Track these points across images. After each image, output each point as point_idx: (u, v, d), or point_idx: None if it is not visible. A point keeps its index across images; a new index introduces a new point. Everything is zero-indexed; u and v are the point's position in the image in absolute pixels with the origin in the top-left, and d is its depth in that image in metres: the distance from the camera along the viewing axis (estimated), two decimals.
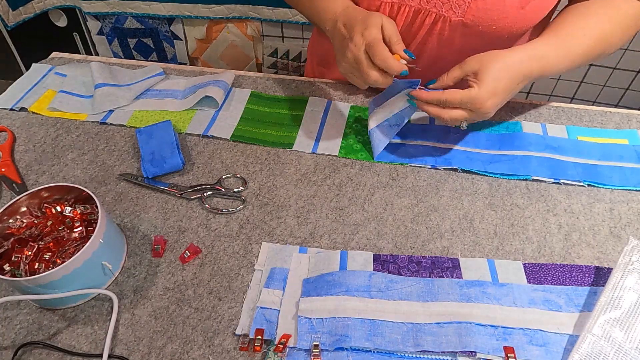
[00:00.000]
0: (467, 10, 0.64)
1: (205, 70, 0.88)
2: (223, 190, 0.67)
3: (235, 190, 0.67)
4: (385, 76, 0.62)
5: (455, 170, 0.70)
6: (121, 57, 1.53)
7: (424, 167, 0.70)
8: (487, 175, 0.69)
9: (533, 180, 0.68)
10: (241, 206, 0.65)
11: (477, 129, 0.75)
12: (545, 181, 0.68)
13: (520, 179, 0.68)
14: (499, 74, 0.59)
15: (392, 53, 0.62)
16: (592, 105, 1.04)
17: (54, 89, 0.83)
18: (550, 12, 0.68)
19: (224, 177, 0.69)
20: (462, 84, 0.62)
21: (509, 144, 0.72)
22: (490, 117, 0.63)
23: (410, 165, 0.70)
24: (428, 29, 0.68)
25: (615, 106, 1.54)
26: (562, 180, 0.67)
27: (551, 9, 0.67)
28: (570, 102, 1.56)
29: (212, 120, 0.77)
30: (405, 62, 0.62)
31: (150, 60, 1.53)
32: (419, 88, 0.63)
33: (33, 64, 0.88)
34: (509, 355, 0.49)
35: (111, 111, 0.79)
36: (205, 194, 0.66)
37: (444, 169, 0.70)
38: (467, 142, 0.73)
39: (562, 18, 0.66)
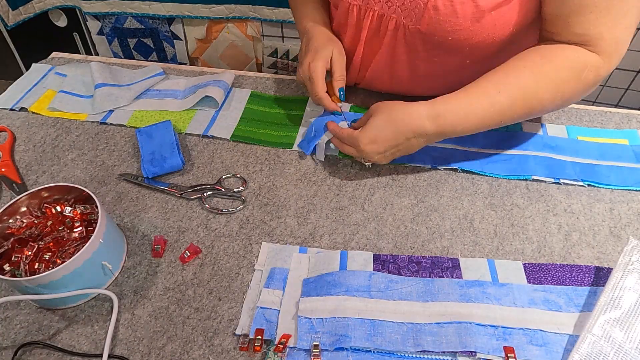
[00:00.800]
0: (421, 19, 0.62)
1: (205, 70, 0.88)
2: (223, 190, 0.67)
3: (235, 190, 0.67)
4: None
5: (455, 170, 0.70)
6: (121, 57, 1.53)
7: (424, 166, 0.70)
8: (487, 175, 0.69)
9: (533, 180, 0.68)
10: (241, 206, 0.65)
11: None
12: (545, 181, 0.68)
13: (520, 179, 0.68)
14: (382, 123, 0.61)
15: (333, 86, 0.72)
16: (592, 105, 1.04)
17: (54, 89, 0.83)
18: (525, 26, 0.62)
19: (224, 177, 0.69)
20: None
21: (507, 143, 0.72)
22: (380, 161, 0.64)
23: (410, 165, 0.70)
24: (392, 35, 0.68)
25: (615, 106, 1.54)
26: (562, 180, 0.68)
27: (517, 24, 0.61)
28: None
29: (212, 120, 0.77)
30: (340, 105, 0.72)
31: (150, 60, 1.53)
32: (337, 123, 0.69)
33: (33, 64, 0.88)
34: (509, 355, 0.49)
35: (111, 111, 0.79)
36: (205, 194, 0.66)
37: (444, 169, 0.70)
38: (464, 142, 0.73)
39: (490, 72, 0.61)
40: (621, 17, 0.54)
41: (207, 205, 0.65)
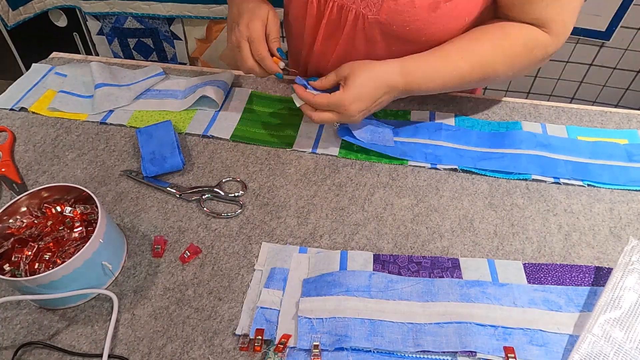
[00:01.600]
0: (380, 9, 0.64)
1: (205, 70, 0.88)
2: (222, 193, 0.66)
3: (235, 194, 0.66)
4: (261, 70, 0.70)
5: (455, 170, 0.70)
6: (121, 57, 1.53)
7: (424, 166, 0.70)
8: (486, 175, 0.69)
9: (533, 180, 0.68)
10: (239, 211, 0.65)
11: (469, 127, 0.75)
12: (545, 181, 0.68)
13: (520, 179, 0.68)
14: (365, 81, 0.63)
15: (269, 47, 0.69)
16: (592, 105, 1.04)
17: (54, 89, 0.83)
18: (479, 16, 0.67)
19: (223, 180, 0.68)
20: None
21: (500, 142, 0.73)
22: (357, 120, 0.66)
23: (410, 165, 0.70)
24: (352, 26, 0.69)
25: (615, 106, 1.54)
26: (561, 180, 0.68)
27: (472, 18, 0.66)
28: (570, 102, 1.56)
29: (212, 120, 0.77)
30: (282, 64, 0.70)
31: (151, 60, 1.53)
32: (301, 83, 0.68)
33: (33, 64, 0.88)
34: (509, 355, 0.49)
35: (111, 111, 0.79)
36: (203, 197, 0.66)
37: (444, 169, 0.70)
38: (458, 139, 0.73)
39: (455, 39, 0.66)
40: (567, 4, 0.62)
41: (205, 209, 0.65)
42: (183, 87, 0.83)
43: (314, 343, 0.50)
